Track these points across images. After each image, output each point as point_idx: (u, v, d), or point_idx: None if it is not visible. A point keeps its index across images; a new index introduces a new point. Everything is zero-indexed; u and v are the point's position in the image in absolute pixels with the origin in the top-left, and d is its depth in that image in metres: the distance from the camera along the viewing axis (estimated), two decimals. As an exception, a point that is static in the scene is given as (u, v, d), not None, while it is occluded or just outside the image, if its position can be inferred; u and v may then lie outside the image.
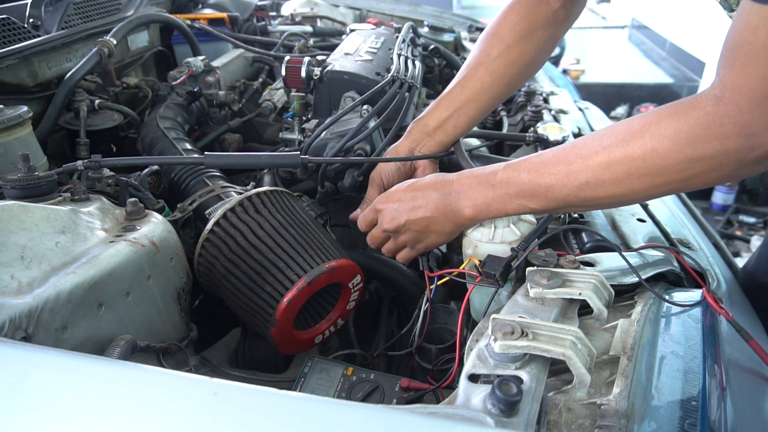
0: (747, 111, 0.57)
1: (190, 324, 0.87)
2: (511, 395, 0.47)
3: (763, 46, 0.55)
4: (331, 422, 0.43)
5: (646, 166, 0.63)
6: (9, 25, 1.21)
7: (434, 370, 0.87)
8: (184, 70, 1.41)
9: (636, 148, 0.64)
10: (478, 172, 0.80)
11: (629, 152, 0.64)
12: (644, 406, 0.55)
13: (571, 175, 0.69)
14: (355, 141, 0.99)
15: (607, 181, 0.66)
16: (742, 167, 0.60)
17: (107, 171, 0.93)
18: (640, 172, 0.64)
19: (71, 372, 0.48)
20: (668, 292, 0.76)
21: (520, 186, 0.73)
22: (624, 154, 0.64)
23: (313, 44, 1.87)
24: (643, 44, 6.73)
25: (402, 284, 1.05)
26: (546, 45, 1.00)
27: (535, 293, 0.64)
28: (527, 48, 0.97)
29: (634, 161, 0.64)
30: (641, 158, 0.63)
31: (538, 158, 0.74)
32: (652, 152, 0.62)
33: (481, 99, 0.98)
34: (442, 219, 0.81)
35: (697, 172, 0.61)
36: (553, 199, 0.71)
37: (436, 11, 2.37)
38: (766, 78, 0.55)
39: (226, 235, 0.85)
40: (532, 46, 0.98)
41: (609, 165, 0.66)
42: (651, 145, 0.62)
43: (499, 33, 0.98)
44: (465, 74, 1.00)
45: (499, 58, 0.97)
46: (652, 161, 0.63)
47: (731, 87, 0.58)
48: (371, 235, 0.91)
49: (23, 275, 0.63)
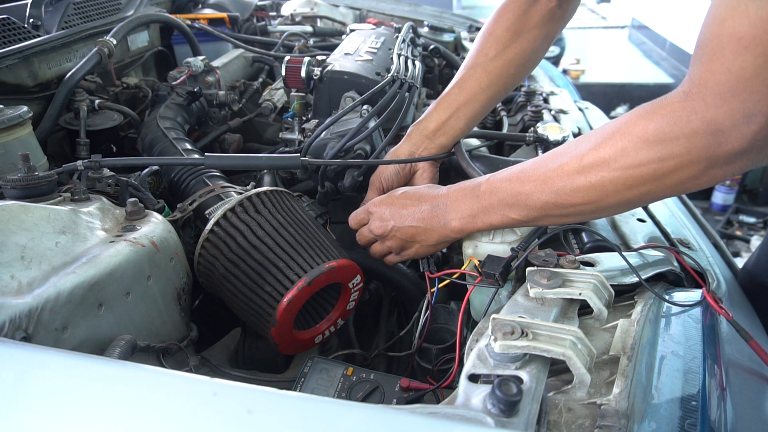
0: (713, 106, 0.55)
1: (190, 324, 0.87)
2: (511, 395, 0.47)
3: (730, 37, 0.53)
4: (331, 422, 0.43)
5: (618, 167, 0.62)
6: (9, 25, 1.21)
7: (434, 370, 0.87)
8: (184, 70, 1.42)
9: (607, 149, 0.63)
10: (465, 184, 0.80)
11: (601, 154, 0.63)
12: (644, 406, 0.55)
13: (547, 181, 0.68)
14: (355, 141, 0.99)
15: (582, 186, 0.66)
16: (713, 166, 0.58)
17: (107, 171, 0.93)
18: (612, 174, 0.63)
19: (71, 372, 0.48)
20: (668, 292, 0.76)
21: (502, 195, 0.74)
22: (596, 156, 0.64)
23: (313, 44, 1.87)
24: (643, 44, 6.73)
25: (402, 284, 1.05)
26: (542, 43, 1.00)
27: (535, 293, 0.64)
28: (524, 47, 0.98)
29: (606, 163, 0.63)
30: (612, 159, 0.62)
31: (520, 167, 0.74)
32: (622, 152, 0.62)
33: (480, 99, 0.99)
34: (429, 230, 0.82)
35: (667, 170, 0.60)
36: (533, 207, 0.71)
37: (436, 11, 2.37)
38: (732, 71, 0.53)
39: (226, 235, 0.85)
40: (529, 44, 0.98)
41: (582, 168, 0.65)
42: (621, 144, 0.62)
43: (495, 32, 0.99)
44: (462, 75, 1.00)
45: (496, 59, 0.98)
46: (622, 161, 0.62)
47: (698, 82, 0.56)
48: (360, 233, 0.93)
49: (23, 275, 0.63)
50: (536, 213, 0.72)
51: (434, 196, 0.82)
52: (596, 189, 0.65)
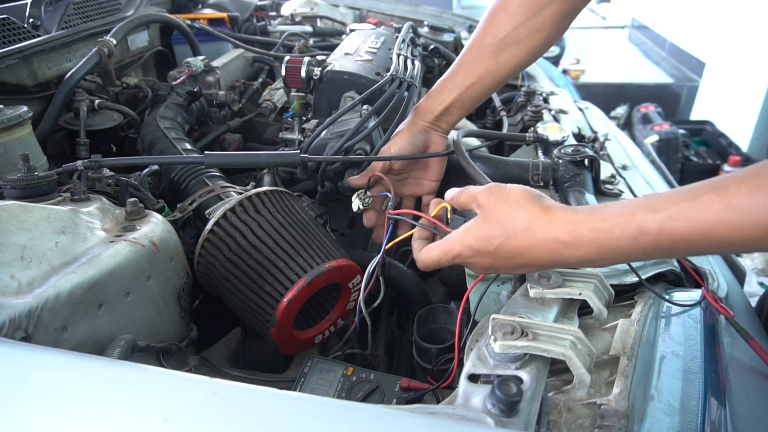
0: None
1: (190, 324, 0.87)
2: (511, 395, 0.47)
3: None
4: (331, 422, 0.43)
5: None
6: (9, 25, 1.21)
7: (434, 370, 0.87)
8: (184, 70, 1.41)
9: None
10: (610, 230, 0.56)
11: None
12: (644, 406, 0.55)
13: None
14: (355, 140, 0.99)
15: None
16: None
17: (107, 171, 0.93)
18: None
19: (71, 372, 0.48)
20: (668, 291, 0.76)
21: (683, 247, 0.54)
22: None
23: (313, 44, 1.87)
24: (643, 44, 6.73)
25: (402, 284, 1.05)
26: (560, 22, 0.88)
27: (535, 293, 0.64)
28: (538, 26, 0.87)
29: None
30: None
31: (702, 210, 0.52)
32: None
33: (486, 83, 0.92)
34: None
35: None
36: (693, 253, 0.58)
37: (436, 11, 2.37)
38: None
39: (226, 235, 0.85)
40: (544, 22, 0.87)
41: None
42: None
43: (506, 8, 0.89)
44: (468, 56, 0.93)
45: (505, 39, 0.88)
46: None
47: None
48: (432, 262, 0.72)
49: (23, 275, 0.63)
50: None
51: (555, 251, 0.59)
52: None
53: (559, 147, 1.03)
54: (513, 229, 0.61)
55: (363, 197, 0.83)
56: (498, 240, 0.63)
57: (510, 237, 0.62)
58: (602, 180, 1.03)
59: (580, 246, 0.57)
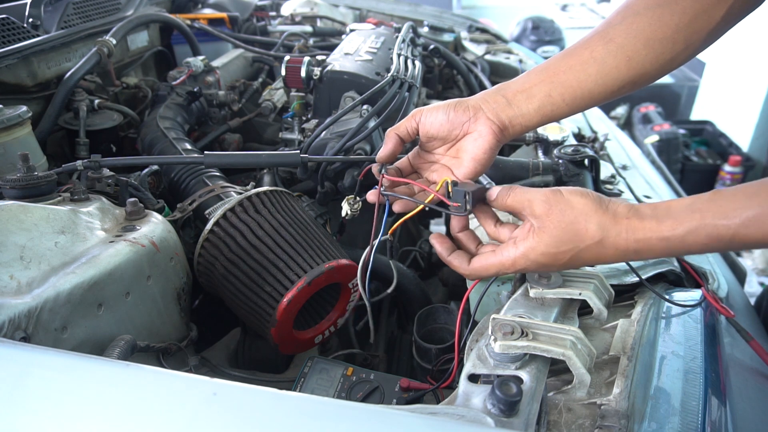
0: None
1: (190, 324, 0.87)
2: (511, 395, 0.47)
3: None
4: (331, 422, 0.43)
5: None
6: (8, 25, 1.20)
7: (434, 370, 0.87)
8: (184, 70, 1.41)
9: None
10: (681, 238, 0.56)
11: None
12: (644, 406, 0.55)
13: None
14: (355, 141, 0.99)
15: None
16: None
17: (107, 171, 0.93)
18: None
19: (71, 372, 0.48)
20: (668, 292, 0.76)
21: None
22: None
23: (313, 44, 1.87)
24: (643, 44, 6.72)
25: (402, 284, 1.05)
26: (698, 23, 0.69)
27: (535, 293, 0.64)
28: (665, 18, 0.69)
29: None
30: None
31: None
32: None
33: (588, 71, 0.71)
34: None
35: None
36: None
37: (436, 11, 2.37)
38: None
39: (226, 235, 0.85)
40: (672, 17, 0.68)
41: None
42: None
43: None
44: (577, 42, 0.75)
45: (621, 26, 0.71)
46: None
47: None
48: (489, 275, 0.67)
49: (22, 275, 0.63)
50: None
51: (622, 257, 0.60)
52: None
53: (559, 147, 1.03)
54: (584, 242, 0.60)
55: (352, 202, 0.81)
56: (569, 255, 0.61)
57: (581, 250, 0.60)
58: (602, 180, 1.03)
59: (649, 253, 0.58)
